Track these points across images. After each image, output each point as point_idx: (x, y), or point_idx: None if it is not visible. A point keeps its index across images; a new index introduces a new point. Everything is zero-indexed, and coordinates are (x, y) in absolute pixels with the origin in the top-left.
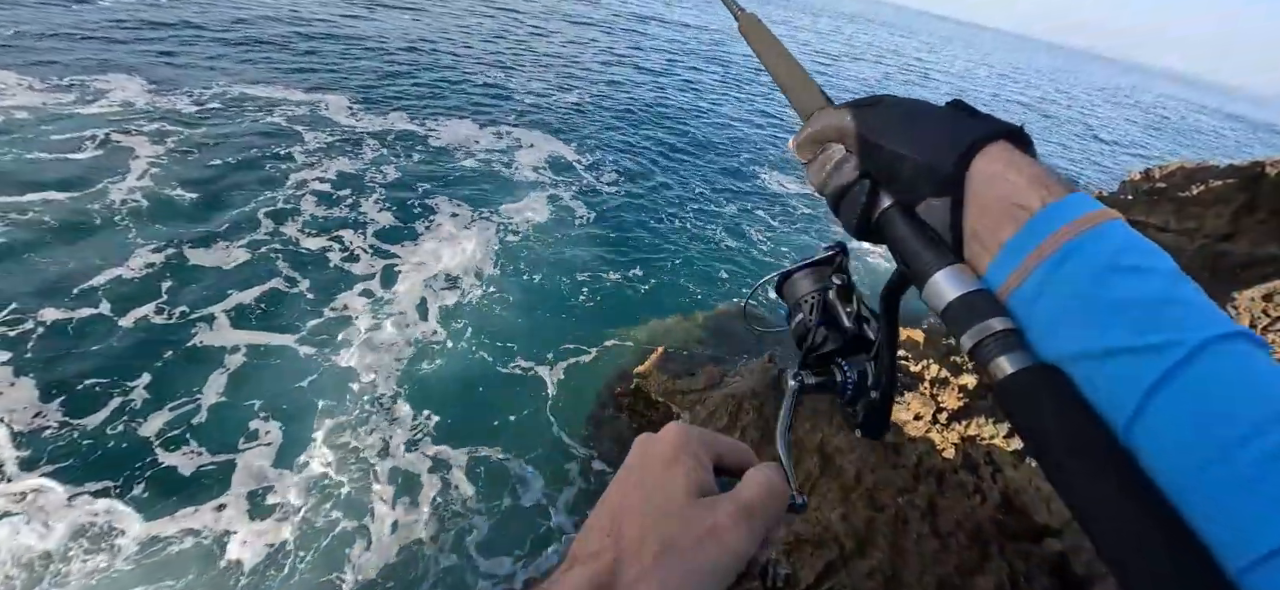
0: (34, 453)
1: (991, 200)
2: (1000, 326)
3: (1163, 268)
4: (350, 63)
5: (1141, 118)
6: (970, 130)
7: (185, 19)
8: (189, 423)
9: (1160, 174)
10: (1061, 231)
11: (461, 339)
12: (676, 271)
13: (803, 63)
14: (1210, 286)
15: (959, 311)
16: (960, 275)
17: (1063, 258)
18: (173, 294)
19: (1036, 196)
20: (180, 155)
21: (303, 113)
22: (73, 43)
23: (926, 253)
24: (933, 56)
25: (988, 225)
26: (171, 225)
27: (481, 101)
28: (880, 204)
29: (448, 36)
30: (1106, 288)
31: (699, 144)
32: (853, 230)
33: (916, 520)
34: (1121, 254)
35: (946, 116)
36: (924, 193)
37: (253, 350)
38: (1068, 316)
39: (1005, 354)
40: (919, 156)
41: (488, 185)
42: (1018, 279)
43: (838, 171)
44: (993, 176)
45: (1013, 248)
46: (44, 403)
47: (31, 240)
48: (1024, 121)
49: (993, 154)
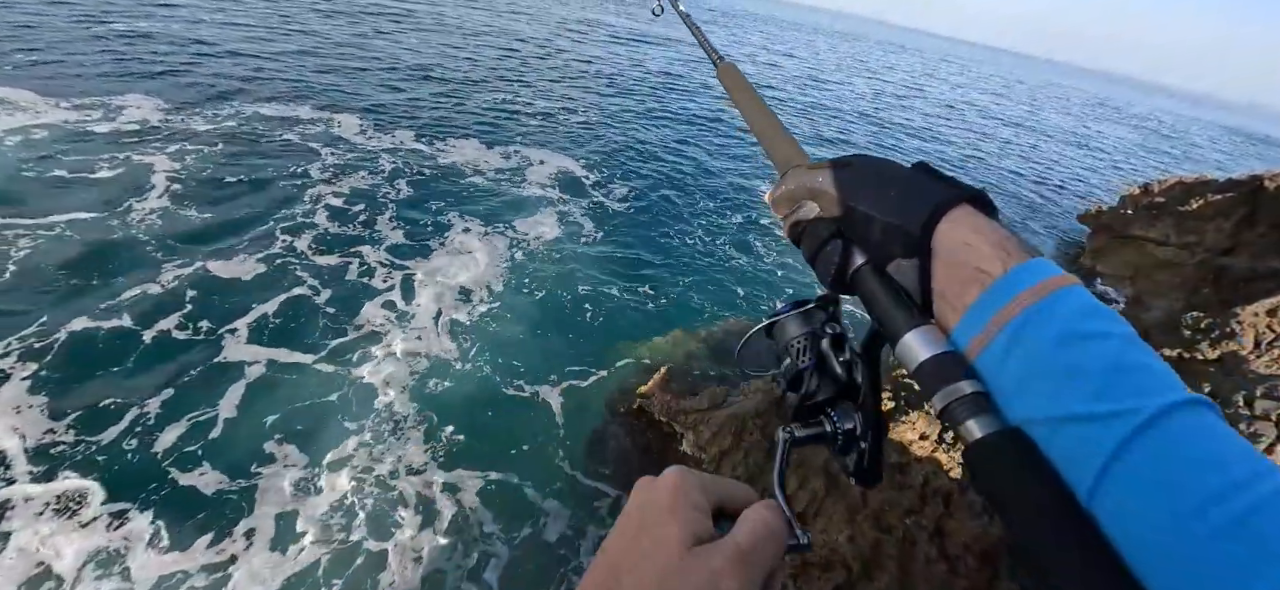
0: (48, 470)
1: (957, 262)
2: (969, 390)
3: (1118, 332)
4: (360, 83)
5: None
6: (935, 194)
7: (199, 39)
8: (206, 439)
9: (1159, 188)
10: (1022, 296)
11: (470, 357)
12: (681, 288)
13: (777, 114)
14: (1213, 301)
15: (930, 373)
16: (929, 336)
17: (1024, 322)
18: (191, 310)
19: (999, 261)
20: (197, 173)
21: (315, 131)
22: (91, 66)
23: (897, 312)
24: (927, 79)
25: (954, 287)
26: (189, 242)
27: (488, 120)
28: (854, 261)
29: (455, 57)
30: (1066, 353)
31: (703, 162)
32: (828, 285)
33: (924, 542)
34: (1079, 319)
35: (913, 180)
36: (894, 253)
37: (270, 366)
38: (1031, 380)
39: (974, 417)
40: (888, 218)
41: (495, 203)
42: (983, 341)
43: (812, 229)
44: (957, 240)
45: (977, 310)
46: (60, 420)
47: (53, 257)
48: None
49: (957, 218)
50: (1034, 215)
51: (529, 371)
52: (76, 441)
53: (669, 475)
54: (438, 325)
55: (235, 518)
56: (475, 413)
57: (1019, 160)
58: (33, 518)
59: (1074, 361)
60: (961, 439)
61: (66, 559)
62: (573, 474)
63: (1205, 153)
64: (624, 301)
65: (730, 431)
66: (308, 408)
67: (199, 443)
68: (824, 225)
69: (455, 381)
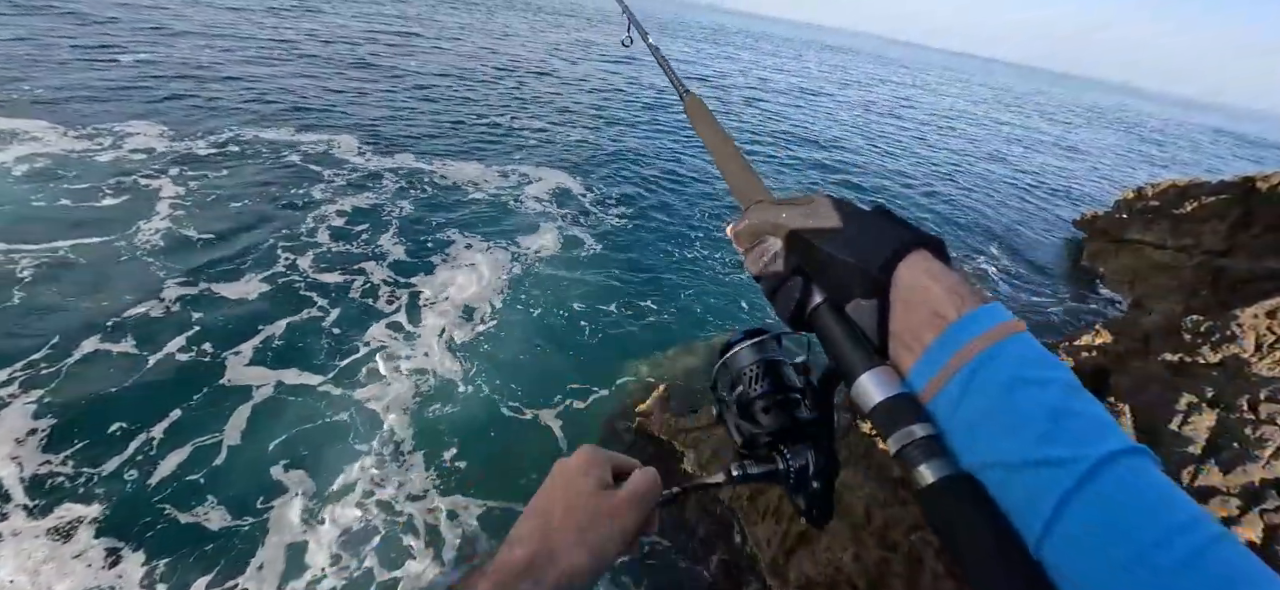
0: (46, 501)
1: (914, 305)
2: (921, 433)
3: (1060, 379)
4: (357, 107)
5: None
6: (895, 237)
7: (200, 65)
8: (210, 465)
9: (1153, 192)
10: (974, 342)
11: (470, 378)
12: (679, 304)
13: (742, 148)
14: (1212, 303)
15: (884, 415)
16: (885, 378)
17: (976, 367)
18: (194, 334)
19: (953, 306)
20: (200, 197)
21: (315, 154)
22: (96, 95)
23: (854, 352)
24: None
25: (911, 329)
26: (192, 266)
27: (485, 140)
28: (813, 299)
29: (452, 80)
30: (1013, 399)
31: (698, 178)
32: (787, 321)
33: (931, 558)
34: (1025, 366)
35: (874, 222)
36: (853, 293)
37: (274, 389)
38: (982, 425)
39: (926, 461)
40: (849, 258)
41: (494, 222)
42: (938, 385)
43: (773, 265)
44: (914, 284)
45: (932, 353)
46: (60, 447)
47: (58, 283)
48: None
49: (914, 262)
50: (1029, 222)
51: (529, 392)
52: (76, 470)
53: (580, 449)
54: (439, 346)
55: (237, 547)
56: (477, 434)
57: (1011, 168)
58: (29, 549)
59: (1020, 408)
60: (914, 482)
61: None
62: None
63: (1185, 154)
64: (622, 319)
65: (729, 449)
66: (309, 432)
67: (202, 470)
68: (785, 261)
69: (456, 404)
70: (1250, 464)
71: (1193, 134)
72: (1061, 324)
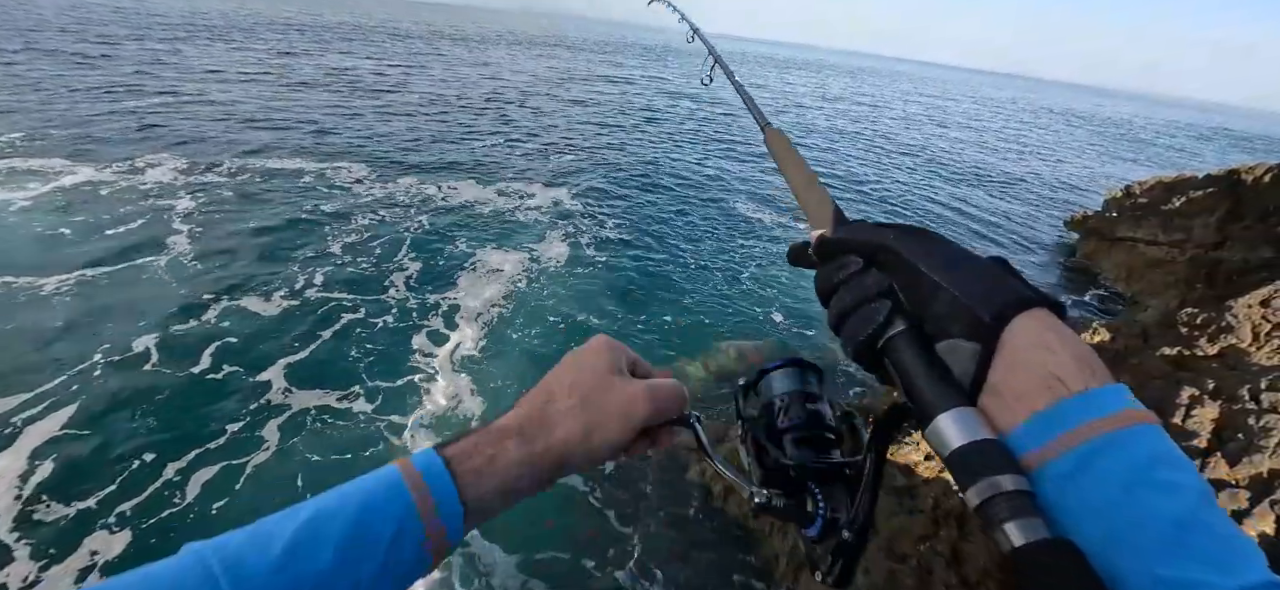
0: (69, 521)
1: (1028, 364)
2: (1012, 486)
3: (1194, 486)
4: (363, 135)
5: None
6: (1018, 288)
7: (212, 101)
8: (234, 486)
9: (1140, 190)
10: (1099, 422)
11: (482, 391)
12: (691, 315)
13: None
14: (1208, 295)
15: (969, 458)
16: (975, 420)
17: (1095, 452)
18: (211, 360)
19: (1079, 377)
20: (214, 225)
21: (324, 182)
22: (114, 132)
23: (938, 386)
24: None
25: (1016, 387)
26: (211, 289)
27: (493, 159)
28: (894, 326)
29: (460, 104)
30: (1136, 499)
31: (708, 191)
32: (854, 346)
33: (941, 569)
34: (1156, 465)
35: (989, 266)
36: (952, 332)
37: (296, 408)
38: (1094, 518)
39: (1016, 520)
40: (960, 293)
41: (503, 237)
42: (1041, 458)
43: (859, 282)
44: (1033, 340)
45: (1044, 421)
46: (82, 475)
47: (83, 306)
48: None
49: (1037, 317)
50: (1021, 224)
51: None
52: (99, 488)
53: (597, 336)
54: (451, 362)
55: None
56: None
57: (1000, 172)
58: (49, 571)
59: (1144, 511)
60: (999, 543)
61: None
62: (579, 508)
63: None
64: (633, 329)
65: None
66: (330, 448)
67: (224, 492)
68: (874, 280)
69: (465, 418)
70: (1257, 455)
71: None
72: None
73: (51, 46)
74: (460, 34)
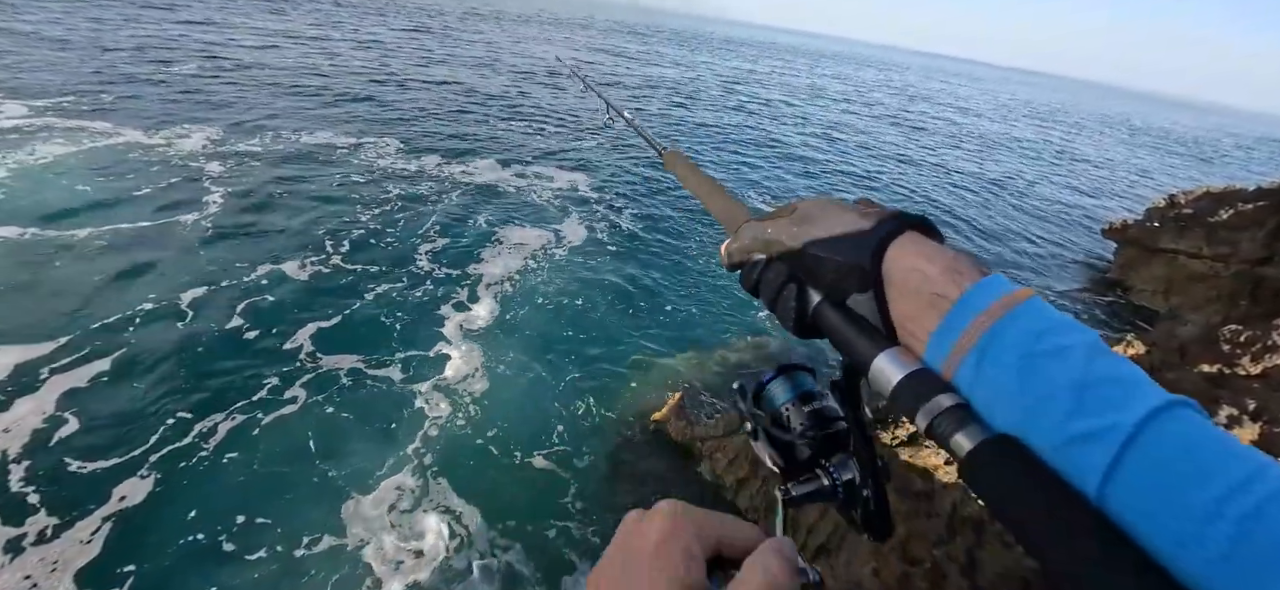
0: (87, 487)
1: (911, 289)
2: (949, 403)
3: (1080, 343)
4: (395, 110)
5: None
6: (880, 225)
7: (247, 77)
8: (256, 446)
9: (1186, 199)
10: (980, 319)
11: (487, 379)
12: (695, 309)
13: (722, 182)
14: (1253, 313)
15: (907, 391)
16: (900, 357)
17: (985, 345)
18: (243, 318)
19: (953, 284)
20: (250, 190)
21: (355, 155)
22: (152, 98)
23: (862, 339)
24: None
25: (912, 315)
26: (237, 256)
27: (514, 141)
28: (811, 301)
29: (480, 81)
30: (1029, 375)
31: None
32: (791, 328)
33: (955, 575)
34: (1038, 337)
35: (856, 214)
36: (849, 289)
37: (323, 372)
38: (1001, 404)
39: (962, 429)
40: (838, 256)
41: (514, 223)
42: (951, 366)
43: (766, 277)
44: (908, 267)
45: (939, 337)
46: (104, 424)
47: (117, 263)
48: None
49: (904, 244)
50: (1057, 232)
51: (546, 395)
52: (121, 442)
53: (659, 512)
54: (470, 333)
55: (271, 527)
56: (494, 436)
57: (1036, 178)
58: (63, 530)
59: (1039, 384)
60: (952, 454)
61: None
62: (592, 499)
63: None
64: (635, 323)
65: (747, 459)
66: (352, 408)
67: (248, 449)
68: (775, 272)
69: (470, 407)
70: None
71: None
72: None
73: (90, 3)
74: (496, 12)
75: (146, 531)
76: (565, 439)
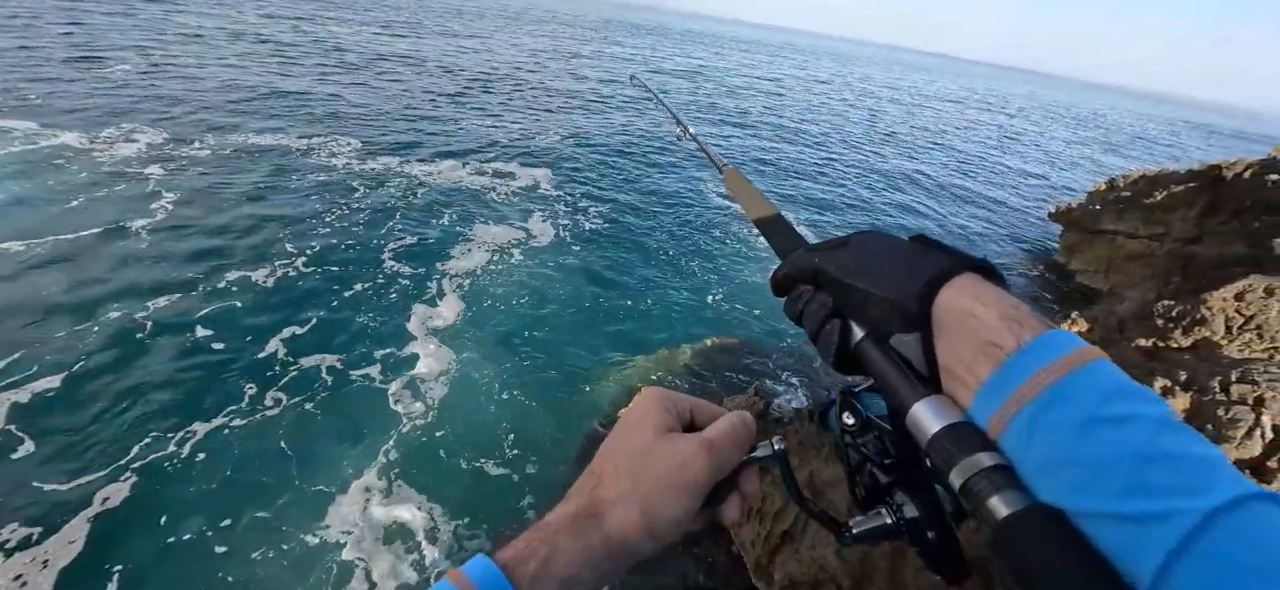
0: (38, 515)
1: (964, 334)
2: (990, 462)
3: (1149, 415)
4: (347, 107)
5: None
6: (932, 264)
7: (185, 68)
8: (224, 453)
9: (1124, 183)
10: (1040, 375)
11: (458, 381)
12: (666, 306)
13: (780, 209)
14: (1184, 289)
15: (944, 445)
16: (941, 407)
17: (1044, 406)
18: (188, 325)
19: (1010, 334)
20: (195, 196)
21: (306, 157)
22: (94, 101)
23: (903, 383)
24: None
25: (962, 362)
26: (192, 263)
27: (473, 139)
28: (854, 336)
29: (437, 77)
30: (1090, 442)
31: (684, 183)
32: (831, 363)
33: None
34: (1104, 402)
35: (910, 251)
36: (893, 329)
37: (289, 376)
38: (1055, 470)
39: (998, 493)
40: (884, 292)
41: (481, 224)
42: (1001, 421)
43: (810, 310)
44: (961, 310)
45: (990, 389)
46: (66, 439)
47: (62, 276)
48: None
49: (959, 287)
50: (1005, 217)
51: (508, 400)
52: (78, 457)
53: (644, 391)
54: (426, 351)
55: (238, 535)
56: (464, 438)
57: (985, 166)
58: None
59: (1099, 454)
60: (984, 520)
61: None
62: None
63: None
64: (601, 324)
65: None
66: (302, 426)
67: (214, 457)
68: (820, 304)
69: (441, 411)
70: (1224, 445)
71: None
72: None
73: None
74: (452, 6)
75: (117, 540)
76: (533, 440)
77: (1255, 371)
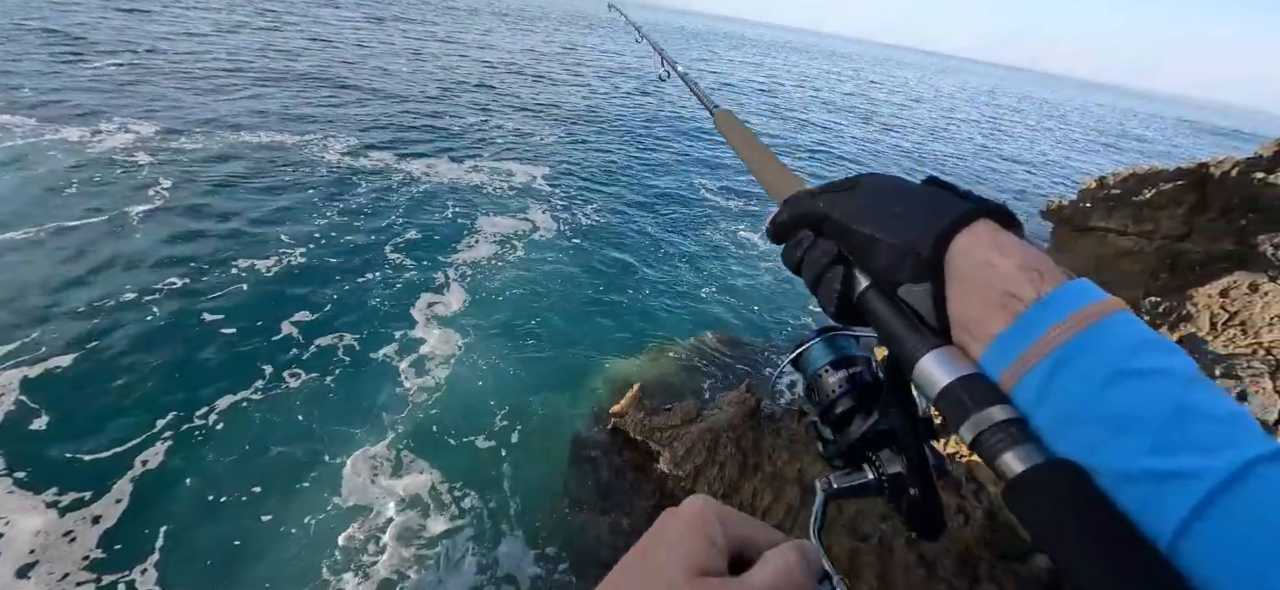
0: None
1: (979, 285)
2: (1002, 416)
3: (1177, 368)
4: (339, 108)
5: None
6: (948, 210)
7: (179, 62)
8: (222, 443)
9: (1114, 180)
10: (1060, 327)
11: (444, 383)
12: (652, 304)
13: (773, 151)
14: (1171, 285)
15: (955, 398)
16: (952, 359)
17: (1063, 358)
18: (189, 315)
19: (1029, 284)
20: (186, 194)
21: (302, 153)
22: (86, 93)
23: (910, 334)
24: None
25: (976, 313)
26: (196, 252)
27: (472, 134)
28: (858, 285)
29: (433, 72)
30: (1115, 396)
31: (671, 179)
32: (831, 312)
33: (901, 548)
34: (1131, 354)
35: (923, 195)
36: (902, 277)
37: (267, 383)
38: (1073, 426)
39: (1012, 449)
40: (893, 239)
41: (469, 221)
42: (1014, 376)
43: (811, 256)
44: (977, 259)
45: (1006, 341)
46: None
47: (66, 265)
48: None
49: (976, 233)
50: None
51: (503, 396)
52: (95, 436)
53: (688, 504)
54: (439, 321)
55: (244, 522)
56: (450, 440)
57: (978, 163)
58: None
59: (1126, 407)
60: (998, 473)
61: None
62: (552, 499)
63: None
64: (595, 320)
65: (704, 446)
66: (288, 427)
67: (200, 446)
68: (823, 250)
69: (427, 413)
70: None
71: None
72: None
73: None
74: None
75: (157, 500)
76: (524, 443)
77: (1239, 366)
